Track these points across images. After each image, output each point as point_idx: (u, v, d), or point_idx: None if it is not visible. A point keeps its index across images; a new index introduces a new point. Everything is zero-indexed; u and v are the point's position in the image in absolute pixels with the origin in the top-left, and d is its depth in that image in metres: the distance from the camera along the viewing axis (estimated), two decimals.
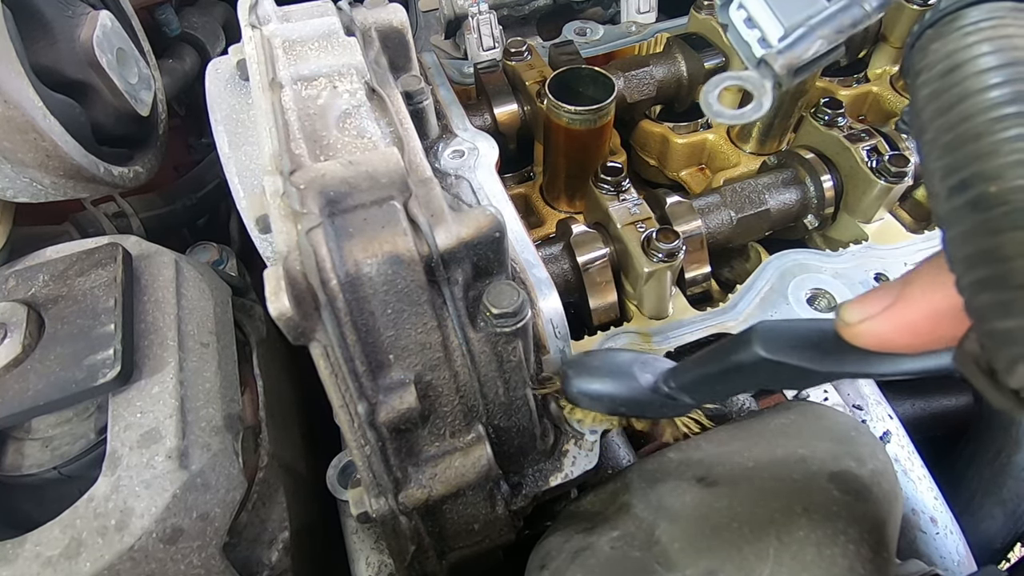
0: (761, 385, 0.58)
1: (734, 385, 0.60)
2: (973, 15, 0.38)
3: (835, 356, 0.49)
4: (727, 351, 0.57)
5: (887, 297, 0.43)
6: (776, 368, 0.52)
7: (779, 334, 0.53)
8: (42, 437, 0.80)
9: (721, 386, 0.61)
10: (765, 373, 0.54)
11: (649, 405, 0.68)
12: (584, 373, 0.71)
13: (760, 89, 0.51)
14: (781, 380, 0.55)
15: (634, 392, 0.68)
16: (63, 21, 0.98)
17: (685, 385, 0.65)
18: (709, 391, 0.64)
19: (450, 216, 0.60)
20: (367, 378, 0.62)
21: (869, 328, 0.45)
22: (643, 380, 0.68)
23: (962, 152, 0.35)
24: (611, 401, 0.70)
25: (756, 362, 0.53)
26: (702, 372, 0.62)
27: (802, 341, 0.52)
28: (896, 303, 0.43)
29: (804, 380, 0.54)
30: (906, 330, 0.42)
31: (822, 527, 0.61)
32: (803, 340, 0.52)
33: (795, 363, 0.51)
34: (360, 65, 0.73)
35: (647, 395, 0.67)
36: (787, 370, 0.52)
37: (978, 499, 1.18)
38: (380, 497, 0.69)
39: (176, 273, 0.90)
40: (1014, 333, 0.32)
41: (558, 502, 0.87)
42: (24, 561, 0.67)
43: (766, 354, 0.52)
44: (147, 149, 1.16)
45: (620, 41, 1.41)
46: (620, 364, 0.70)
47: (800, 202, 1.10)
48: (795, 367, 0.51)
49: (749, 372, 0.55)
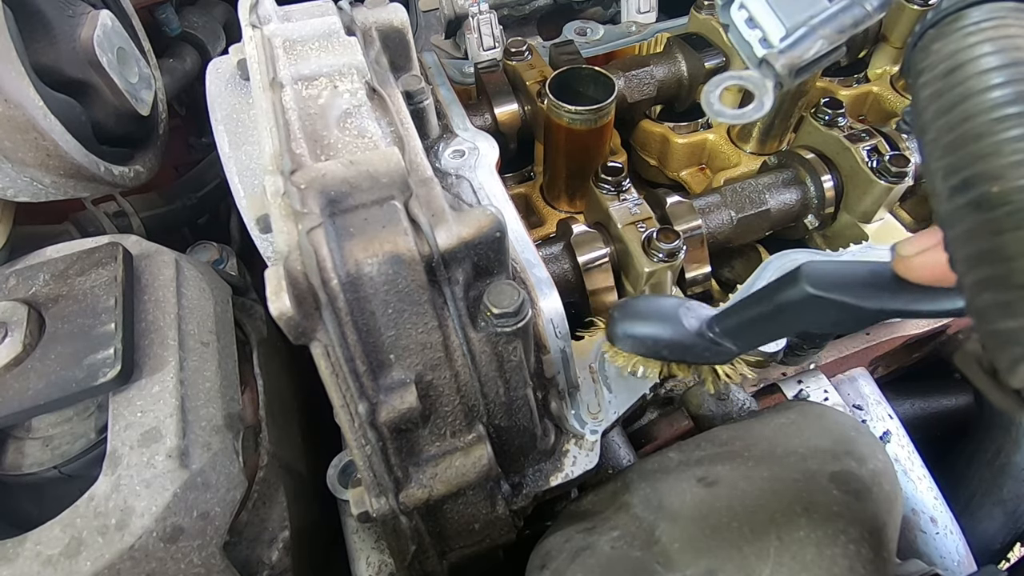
0: (806, 326, 0.57)
1: (779, 327, 0.60)
2: (974, 15, 0.38)
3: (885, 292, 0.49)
4: (773, 291, 0.57)
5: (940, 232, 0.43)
6: (823, 306, 0.52)
7: (827, 271, 0.53)
8: (42, 436, 0.80)
9: (765, 329, 0.61)
10: (812, 312, 0.54)
11: (692, 349, 0.68)
12: (630, 315, 0.71)
13: (761, 89, 0.51)
14: (827, 320, 0.54)
15: (679, 335, 0.68)
16: (63, 20, 0.98)
17: (729, 329, 0.65)
18: (753, 335, 0.64)
19: (451, 216, 0.60)
20: (368, 378, 0.62)
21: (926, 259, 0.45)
22: (688, 324, 0.68)
23: (964, 152, 0.35)
24: (655, 344, 0.70)
25: (803, 299, 0.53)
26: (747, 315, 0.62)
27: (850, 279, 0.51)
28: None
29: (851, 319, 0.53)
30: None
31: (822, 527, 0.61)
32: (851, 278, 0.52)
33: (844, 299, 0.51)
34: (361, 65, 0.73)
35: (691, 339, 0.67)
36: (834, 308, 0.52)
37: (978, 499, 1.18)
38: (381, 497, 0.69)
39: (176, 272, 0.90)
40: (1016, 333, 0.33)
41: (558, 502, 0.87)
42: (24, 560, 0.67)
43: (814, 290, 0.52)
44: (147, 148, 1.16)
45: (620, 41, 1.41)
46: (666, 308, 0.70)
47: (800, 202, 1.10)
48: (843, 304, 0.51)
49: (795, 311, 0.55)
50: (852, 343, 1.05)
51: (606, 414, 0.82)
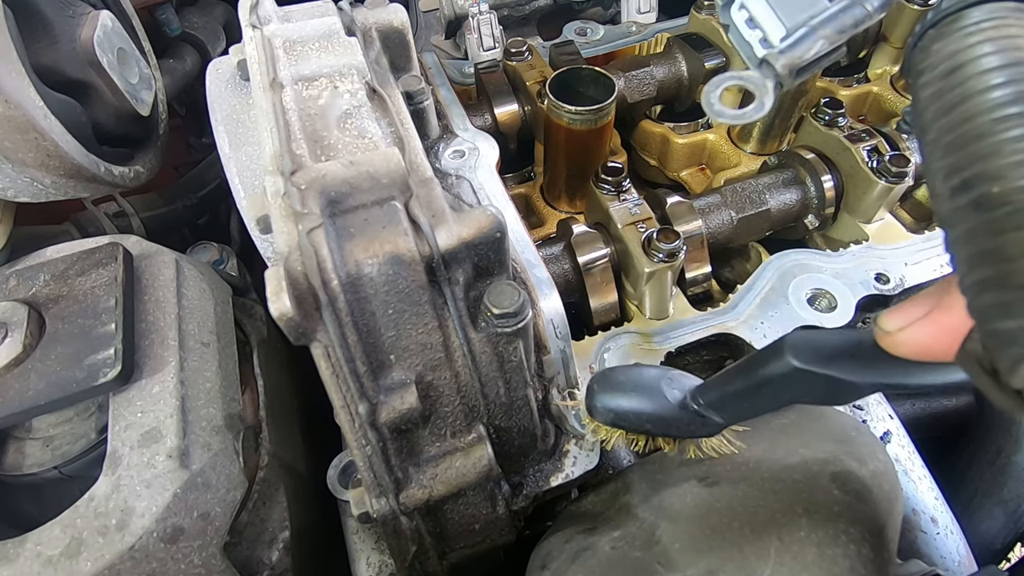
0: (793, 400, 0.56)
1: (765, 401, 0.58)
2: (975, 15, 0.38)
3: (872, 366, 0.48)
4: (757, 363, 0.55)
5: (925, 304, 0.43)
6: (810, 380, 0.50)
7: (811, 344, 0.51)
8: (43, 436, 0.80)
9: (751, 402, 0.59)
10: (798, 386, 0.52)
11: (676, 423, 0.65)
12: (610, 388, 0.68)
13: (762, 89, 0.51)
14: (814, 393, 0.53)
15: (662, 409, 0.65)
16: (64, 21, 0.98)
17: (714, 402, 0.62)
18: (739, 408, 0.61)
19: (451, 216, 0.60)
20: (368, 378, 0.62)
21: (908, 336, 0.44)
22: (671, 396, 0.65)
23: (964, 152, 0.35)
24: (637, 418, 0.66)
25: (788, 373, 0.51)
26: (732, 387, 0.60)
27: (836, 351, 0.50)
28: (934, 309, 0.42)
29: (839, 393, 0.51)
30: (945, 336, 0.41)
31: (823, 527, 0.61)
32: (837, 350, 0.50)
33: (831, 373, 0.49)
34: (361, 65, 0.73)
35: (675, 412, 0.64)
36: (821, 382, 0.50)
37: (978, 499, 1.17)
38: (381, 497, 0.69)
39: (177, 273, 0.90)
40: (1016, 333, 0.33)
41: (559, 502, 0.87)
42: (25, 560, 0.67)
43: (799, 364, 0.50)
44: (147, 149, 1.16)
45: (620, 41, 1.41)
46: (647, 379, 0.67)
47: (800, 202, 1.10)
48: (830, 378, 0.49)
49: (781, 385, 0.53)
50: None
51: None
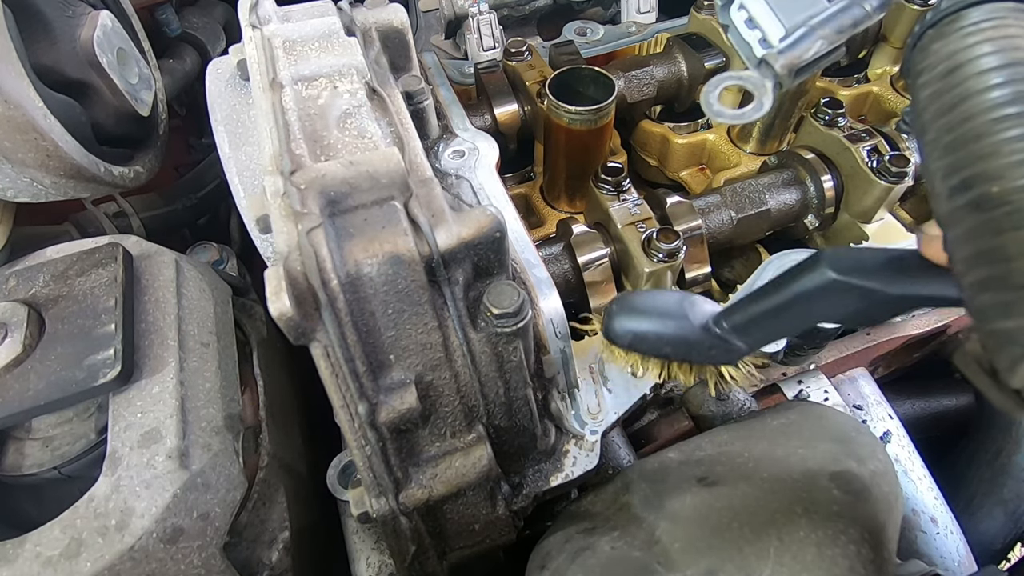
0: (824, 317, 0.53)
1: (794, 320, 0.56)
2: (974, 16, 0.38)
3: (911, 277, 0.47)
4: (791, 279, 0.53)
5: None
6: (846, 292, 0.49)
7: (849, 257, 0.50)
8: (42, 437, 0.80)
9: (779, 322, 0.57)
10: (832, 300, 0.51)
11: (697, 347, 0.63)
12: (629, 310, 0.65)
13: (761, 89, 0.51)
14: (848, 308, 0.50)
15: (683, 331, 0.62)
16: (63, 21, 0.98)
17: (739, 325, 0.60)
18: (766, 329, 0.59)
19: (451, 216, 0.60)
20: (368, 378, 0.62)
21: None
22: (693, 319, 0.62)
23: (963, 152, 0.35)
24: (657, 340, 0.64)
25: (825, 285, 0.50)
26: (760, 307, 0.57)
27: (874, 263, 0.49)
28: None
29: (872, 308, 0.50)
30: None
31: (823, 527, 0.61)
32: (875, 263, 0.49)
33: (868, 284, 0.48)
34: (360, 65, 0.73)
35: (697, 335, 0.62)
36: (857, 295, 0.49)
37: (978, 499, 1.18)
38: (381, 497, 0.69)
39: (176, 273, 0.90)
40: (1015, 333, 0.33)
41: (558, 502, 0.87)
42: (24, 561, 0.67)
43: (837, 275, 0.49)
44: (147, 149, 1.16)
45: (620, 41, 1.40)
46: (669, 302, 0.65)
47: (800, 202, 1.10)
48: (867, 289, 0.48)
49: (815, 300, 0.52)
50: (852, 343, 1.05)
51: (606, 414, 0.82)
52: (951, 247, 0.37)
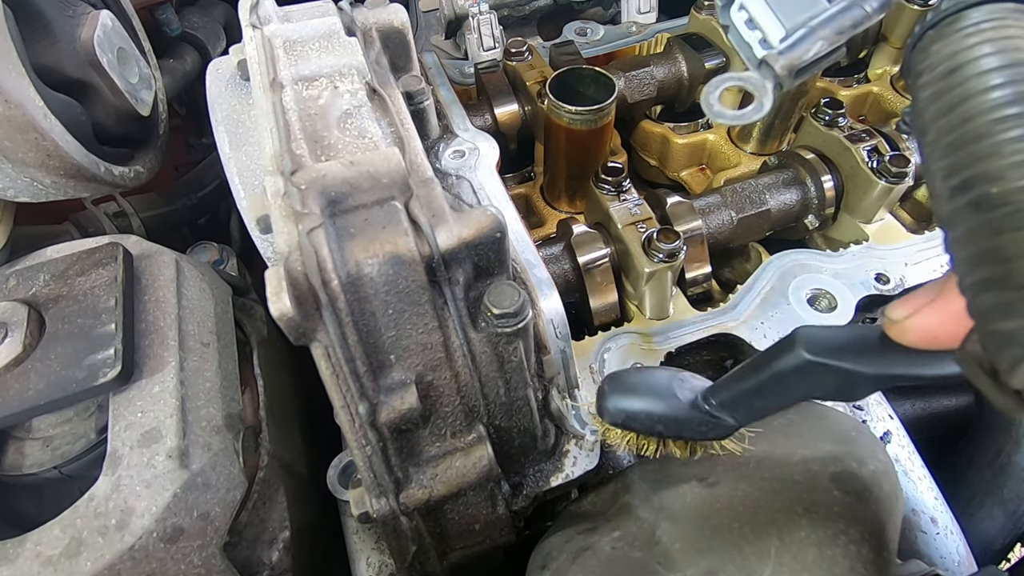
0: (805, 395, 0.56)
1: (777, 397, 0.58)
2: (974, 16, 0.38)
3: (882, 357, 0.48)
4: (768, 359, 0.55)
5: (931, 293, 0.43)
6: (821, 372, 0.51)
7: (821, 337, 0.52)
8: (43, 436, 0.80)
9: (763, 399, 0.59)
10: (809, 379, 0.52)
11: (688, 425, 0.64)
12: (621, 389, 0.67)
13: (761, 90, 0.51)
14: (826, 386, 0.53)
15: (673, 410, 0.64)
16: (64, 21, 0.98)
17: (726, 402, 0.61)
18: (751, 406, 0.61)
19: (451, 216, 0.60)
20: (368, 378, 0.62)
21: (915, 323, 0.44)
22: (683, 397, 0.64)
23: (964, 153, 0.35)
24: (648, 419, 0.65)
25: (800, 366, 0.51)
26: (743, 385, 0.60)
27: (846, 343, 0.50)
28: (939, 297, 0.43)
29: (850, 386, 0.51)
30: (951, 322, 0.42)
31: (823, 527, 0.61)
32: (847, 342, 0.51)
33: (842, 365, 0.50)
34: (361, 65, 0.73)
35: (687, 413, 0.63)
36: (833, 374, 0.50)
37: (978, 499, 1.18)
38: (381, 497, 0.69)
39: (177, 273, 0.90)
40: (1016, 334, 0.33)
41: (559, 502, 0.87)
42: (24, 560, 0.67)
43: (811, 356, 0.51)
44: (148, 149, 1.16)
45: (621, 41, 1.41)
46: (658, 381, 0.66)
47: (801, 202, 1.10)
48: (841, 369, 0.50)
49: (793, 379, 0.53)
50: None
51: None
52: (952, 248, 0.37)
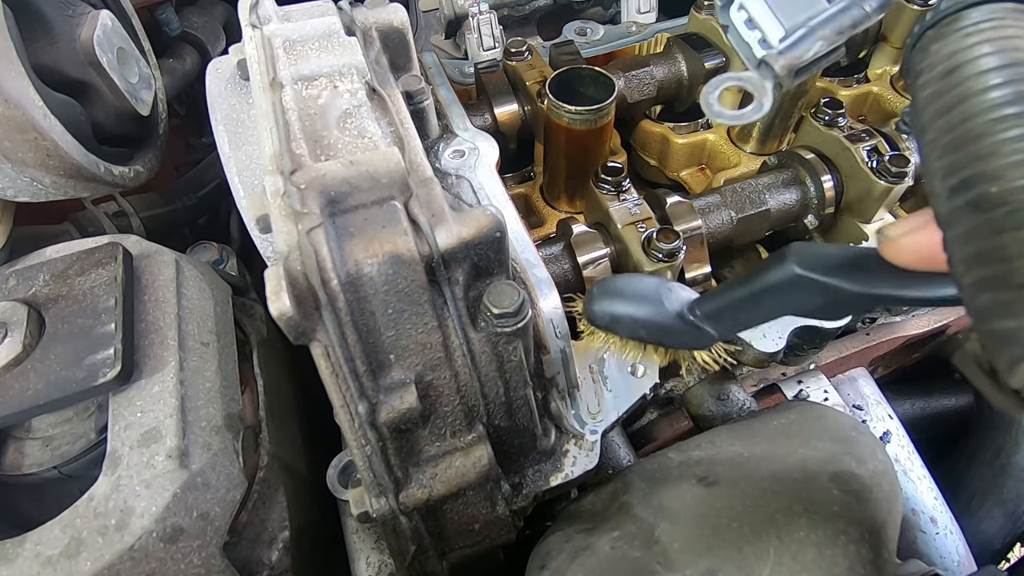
0: (790, 310, 0.56)
1: (763, 310, 0.59)
2: (974, 16, 0.38)
3: (872, 276, 0.49)
4: (760, 271, 0.56)
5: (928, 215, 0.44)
6: (809, 287, 0.51)
7: (815, 253, 0.52)
8: (42, 436, 0.80)
9: (749, 313, 0.60)
10: (797, 294, 0.53)
11: (671, 332, 0.66)
12: (608, 293, 0.69)
13: (760, 90, 0.51)
14: (812, 303, 0.53)
15: (658, 316, 0.66)
16: (63, 20, 0.98)
17: (710, 312, 0.63)
18: (736, 319, 0.62)
19: (451, 216, 0.60)
20: (368, 378, 0.62)
21: (911, 241, 0.45)
22: (669, 305, 0.66)
23: (963, 152, 0.35)
24: (632, 323, 0.67)
25: (790, 279, 0.52)
26: (731, 297, 0.60)
27: (839, 261, 0.51)
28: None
29: (836, 304, 0.52)
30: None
31: (822, 527, 0.61)
32: (839, 260, 0.51)
33: (830, 281, 0.50)
34: (361, 65, 0.73)
35: (671, 321, 0.65)
36: (820, 290, 0.51)
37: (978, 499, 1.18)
38: (381, 497, 0.69)
39: (176, 272, 0.90)
40: (1015, 333, 0.33)
41: (558, 502, 0.87)
42: (24, 560, 0.67)
43: (801, 270, 0.51)
44: (147, 148, 1.16)
45: (620, 41, 1.40)
46: (646, 287, 0.69)
47: (800, 202, 1.10)
48: (830, 286, 0.50)
49: (781, 293, 0.54)
50: (852, 343, 1.05)
51: (606, 414, 0.82)
52: (950, 247, 0.37)
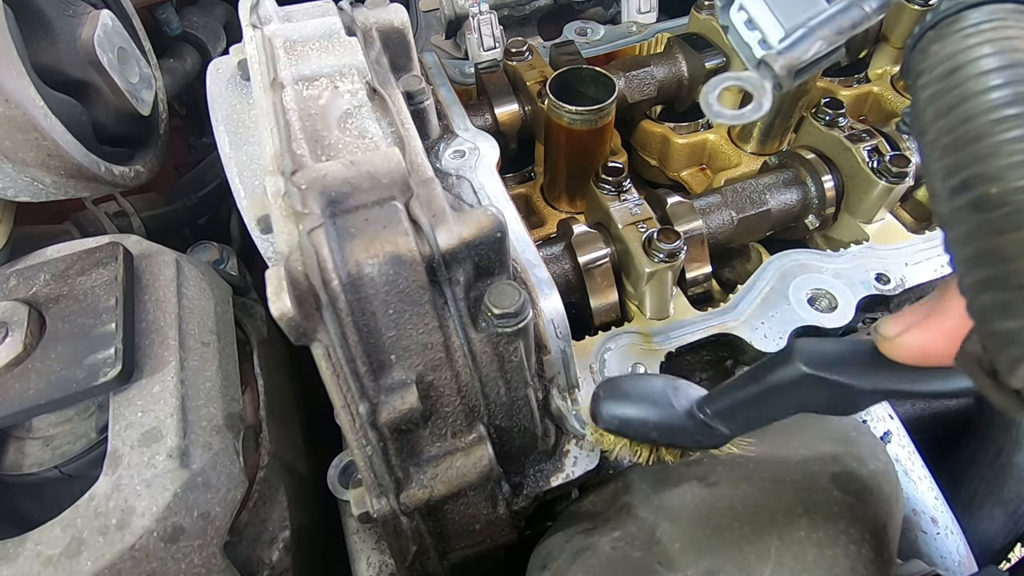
0: (800, 408, 0.56)
1: (772, 409, 0.58)
2: (974, 17, 0.38)
3: (877, 373, 0.49)
4: (765, 370, 0.56)
5: (923, 310, 0.44)
6: (817, 385, 0.51)
7: (819, 349, 0.52)
8: (43, 436, 0.80)
9: (758, 410, 0.59)
10: (806, 391, 0.53)
11: (682, 432, 0.64)
12: (616, 395, 0.67)
13: (760, 90, 0.51)
14: (821, 399, 0.53)
15: (668, 418, 0.64)
16: (64, 20, 0.98)
17: (721, 411, 0.62)
18: (746, 417, 0.61)
19: (451, 216, 0.60)
20: (368, 378, 0.62)
21: (907, 339, 0.45)
22: (677, 405, 0.64)
23: (963, 153, 0.35)
24: (643, 426, 0.66)
25: (798, 379, 0.52)
26: (739, 395, 0.60)
27: (843, 357, 0.51)
28: (931, 314, 0.43)
29: (844, 400, 0.52)
30: (942, 339, 0.42)
31: (823, 527, 0.61)
32: (844, 356, 0.51)
33: (838, 379, 0.50)
34: (361, 65, 0.73)
35: (681, 421, 0.64)
36: (828, 387, 0.51)
37: (979, 499, 1.18)
38: (381, 497, 0.69)
39: (177, 272, 0.90)
40: (1015, 334, 0.33)
41: (559, 502, 0.87)
42: (25, 560, 0.67)
43: (808, 369, 0.51)
44: (148, 148, 1.16)
45: (621, 41, 1.41)
46: (653, 388, 0.67)
47: (801, 202, 1.10)
48: (837, 383, 0.50)
49: (789, 391, 0.54)
50: None
51: None
52: (951, 248, 0.37)
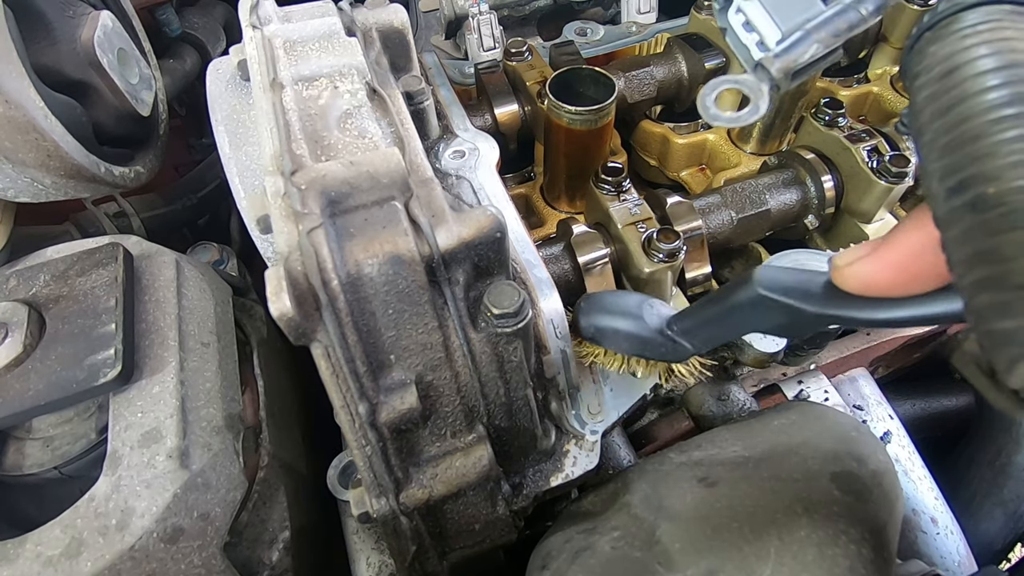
0: (755, 328, 0.61)
1: (731, 328, 0.64)
2: (971, 18, 0.38)
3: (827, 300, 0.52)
4: (727, 292, 0.60)
5: (872, 244, 0.47)
6: (772, 307, 0.55)
7: (777, 276, 0.56)
8: (43, 437, 0.80)
9: (719, 329, 0.65)
10: (761, 313, 0.57)
11: (651, 345, 0.72)
12: (595, 308, 0.77)
13: (757, 92, 0.51)
14: (774, 322, 0.58)
15: (640, 331, 0.72)
16: (64, 21, 0.98)
17: (685, 329, 0.68)
18: (707, 335, 0.67)
19: (451, 216, 0.60)
20: (368, 378, 0.62)
21: (855, 269, 0.48)
22: (649, 321, 0.72)
23: (960, 153, 0.35)
24: (615, 336, 0.74)
25: (755, 300, 0.56)
26: (702, 315, 0.66)
27: (798, 284, 0.55)
28: (880, 247, 0.46)
29: (796, 323, 0.56)
30: (887, 270, 0.45)
31: (823, 527, 0.62)
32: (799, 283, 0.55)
33: (789, 302, 0.54)
34: (361, 65, 0.73)
35: (651, 335, 0.71)
36: (781, 310, 0.55)
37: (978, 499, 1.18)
38: (381, 497, 0.69)
39: (177, 273, 0.90)
40: (1013, 334, 0.33)
41: (559, 502, 0.87)
42: (25, 561, 0.67)
43: (765, 292, 0.55)
44: (148, 149, 1.16)
45: (621, 41, 1.40)
46: (629, 304, 0.75)
47: (800, 202, 1.10)
48: (787, 306, 0.54)
49: (747, 312, 0.58)
50: (852, 343, 1.05)
51: (606, 414, 0.82)
52: (948, 248, 0.37)
